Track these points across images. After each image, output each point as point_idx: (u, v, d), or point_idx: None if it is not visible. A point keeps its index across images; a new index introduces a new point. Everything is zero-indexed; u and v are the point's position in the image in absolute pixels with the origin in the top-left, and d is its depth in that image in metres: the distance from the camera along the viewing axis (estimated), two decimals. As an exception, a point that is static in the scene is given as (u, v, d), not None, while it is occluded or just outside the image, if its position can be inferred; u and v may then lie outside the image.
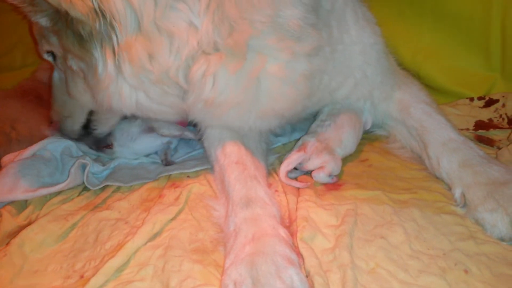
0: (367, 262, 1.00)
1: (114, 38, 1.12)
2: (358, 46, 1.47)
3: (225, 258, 1.01)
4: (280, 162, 1.51)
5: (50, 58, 1.39)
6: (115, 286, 0.99)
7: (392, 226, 1.11)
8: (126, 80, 1.18)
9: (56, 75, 1.46)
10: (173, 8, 1.10)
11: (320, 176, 1.35)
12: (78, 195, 1.41)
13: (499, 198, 1.11)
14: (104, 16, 1.08)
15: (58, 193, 1.40)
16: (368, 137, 1.69)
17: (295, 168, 1.42)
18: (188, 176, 1.47)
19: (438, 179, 1.34)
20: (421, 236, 1.08)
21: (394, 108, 1.55)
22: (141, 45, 1.12)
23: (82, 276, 1.05)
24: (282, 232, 1.04)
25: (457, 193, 1.21)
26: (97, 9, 1.07)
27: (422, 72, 1.98)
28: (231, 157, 1.32)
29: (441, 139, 1.34)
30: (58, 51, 1.32)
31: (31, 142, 1.54)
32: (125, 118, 1.57)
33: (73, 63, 1.26)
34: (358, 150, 1.57)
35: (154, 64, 1.14)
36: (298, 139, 1.50)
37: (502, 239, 1.05)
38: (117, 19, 1.09)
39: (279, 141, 1.70)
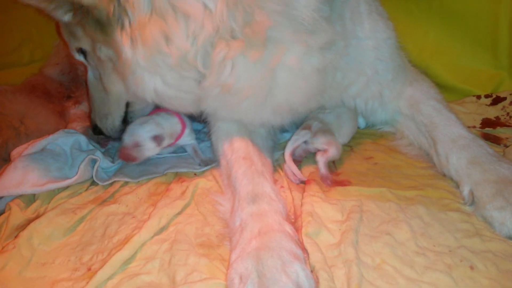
0: (372, 258, 1.01)
1: (127, 20, 1.12)
2: (372, 40, 1.46)
3: (231, 252, 1.02)
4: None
5: (81, 58, 1.39)
6: (122, 279, 1.00)
7: (398, 223, 1.12)
8: (141, 64, 1.17)
9: (90, 74, 1.46)
10: None
11: (323, 159, 1.37)
12: (86, 190, 1.42)
13: (508, 196, 1.10)
14: None
15: (67, 187, 1.41)
16: (372, 135, 1.69)
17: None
18: (195, 174, 1.48)
19: (444, 176, 1.34)
20: (427, 233, 1.08)
21: (404, 104, 1.55)
22: (155, 26, 1.11)
23: (89, 269, 1.06)
24: (288, 228, 1.05)
25: (466, 190, 1.21)
26: None
27: (428, 69, 1.97)
28: (239, 153, 1.32)
29: (451, 136, 1.34)
30: (86, 45, 1.31)
31: (39, 137, 1.55)
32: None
33: (101, 53, 1.26)
34: (363, 148, 1.57)
35: (171, 46, 1.13)
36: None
37: (510, 237, 1.05)
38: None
39: (285, 137, 1.71)
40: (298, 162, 1.46)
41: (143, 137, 1.46)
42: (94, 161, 1.46)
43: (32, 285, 1.03)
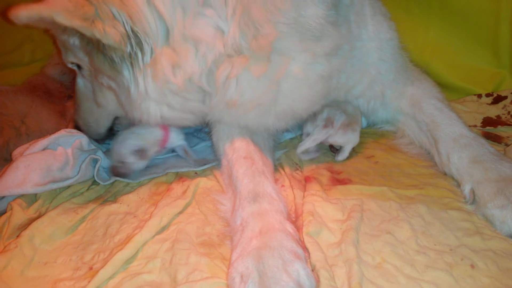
0: (373, 257, 1.01)
1: (140, 57, 1.13)
2: (375, 42, 1.47)
3: (232, 251, 1.02)
4: (287, 157, 1.52)
5: (74, 67, 1.39)
6: (123, 278, 1.00)
7: (399, 222, 1.12)
8: (151, 97, 1.19)
9: (80, 82, 1.44)
10: (201, 15, 1.11)
11: (342, 157, 1.46)
12: (88, 189, 1.43)
13: (509, 195, 1.11)
14: (136, 36, 1.09)
15: (68, 186, 1.41)
16: (373, 134, 1.69)
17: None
18: (196, 173, 1.48)
19: (445, 175, 1.34)
20: (428, 232, 1.08)
21: (405, 103, 1.55)
22: (166, 58, 1.13)
23: (91, 268, 1.06)
24: (289, 227, 1.05)
25: (467, 189, 1.21)
26: (129, 32, 1.08)
27: (429, 68, 1.97)
28: (240, 152, 1.33)
29: (452, 135, 1.34)
30: (85, 66, 1.32)
31: (40, 136, 1.55)
32: None
33: (104, 81, 1.27)
34: (364, 147, 1.57)
35: (178, 74, 1.14)
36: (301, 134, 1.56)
37: (511, 236, 1.06)
38: (150, 36, 1.10)
39: (285, 136, 1.71)
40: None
41: (125, 154, 1.46)
42: (95, 161, 1.47)
43: (34, 284, 1.03)
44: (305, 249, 1.02)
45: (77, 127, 1.57)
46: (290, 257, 0.94)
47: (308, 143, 1.47)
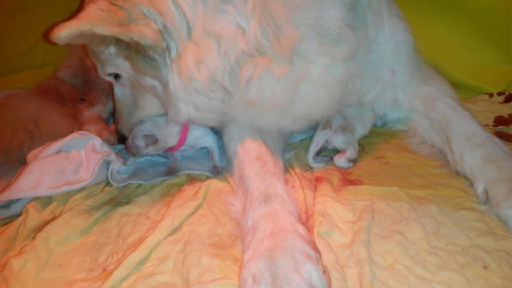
0: (384, 258, 1.01)
1: (170, 53, 1.15)
2: (391, 44, 1.47)
3: (244, 252, 1.03)
4: (297, 158, 1.52)
5: (111, 79, 1.41)
6: (136, 279, 1.02)
7: (410, 222, 1.12)
8: (179, 96, 1.21)
9: (118, 91, 1.48)
10: (221, 11, 1.12)
11: (342, 161, 1.42)
12: (101, 191, 1.45)
13: None
14: (166, 32, 1.11)
15: (81, 188, 1.43)
16: (383, 134, 1.68)
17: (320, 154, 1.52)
18: (207, 177, 1.49)
19: (457, 175, 1.33)
20: (439, 232, 1.08)
21: (418, 102, 1.55)
22: (191, 53, 1.14)
23: (105, 269, 1.08)
24: (300, 228, 1.05)
25: (480, 188, 1.21)
26: (162, 29, 1.10)
27: (439, 67, 1.95)
28: (251, 153, 1.33)
29: (465, 133, 1.33)
30: (125, 73, 1.33)
31: (53, 139, 1.57)
32: None
33: (146, 82, 1.28)
34: (374, 148, 1.57)
35: (202, 70, 1.15)
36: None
37: (524, 236, 1.04)
38: (177, 30, 1.11)
39: (296, 137, 1.71)
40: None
41: (136, 134, 1.48)
42: (108, 163, 1.48)
43: (49, 285, 1.05)
44: (316, 250, 1.03)
45: (121, 139, 1.61)
46: (302, 258, 0.94)
47: (312, 147, 1.49)
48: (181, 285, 0.99)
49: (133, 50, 1.16)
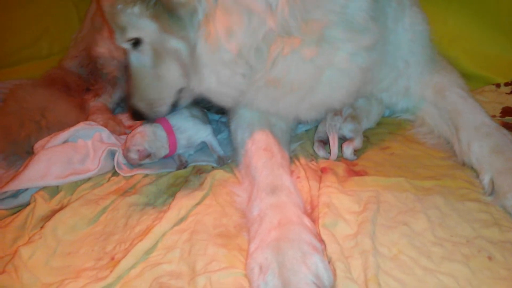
0: (389, 249, 1.01)
1: (199, 14, 1.14)
2: (409, 33, 1.48)
3: (250, 242, 1.04)
4: (303, 149, 1.52)
5: (128, 45, 1.34)
6: (144, 268, 1.03)
7: (415, 213, 1.12)
8: (203, 60, 1.20)
9: (135, 61, 1.39)
10: None
11: (350, 149, 1.43)
12: (108, 181, 1.46)
13: None
14: None
15: (88, 178, 1.45)
16: (389, 124, 1.68)
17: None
18: (213, 167, 1.50)
19: (463, 166, 1.33)
20: (445, 223, 1.08)
21: (429, 91, 1.54)
22: (220, 20, 1.13)
23: (112, 258, 1.10)
24: (306, 221, 1.06)
25: (486, 179, 1.20)
26: None
27: (447, 56, 1.94)
28: (260, 143, 1.33)
29: (474, 123, 1.33)
30: (148, 36, 1.28)
31: (60, 129, 1.59)
32: None
33: (171, 45, 1.25)
34: (379, 138, 1.57)
35: (231, 40, 1.14)
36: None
37: (530, 228, 1.04)
38: None
39: (301, 128, 1.71)
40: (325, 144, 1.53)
41: (128, 148, 1.47)
42: (113, 153, 1.49)
43: (58, 274, 1.07)
44: (321, 241, 1.03)
45: (135, 112, 1.50)
46: (309, 249, 0.95)
47: (320, 127, 1.52)
48: (188, 274, 1.00)
49: (163, 7, 1.15)
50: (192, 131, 1.56)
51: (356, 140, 1.45)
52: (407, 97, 1.58)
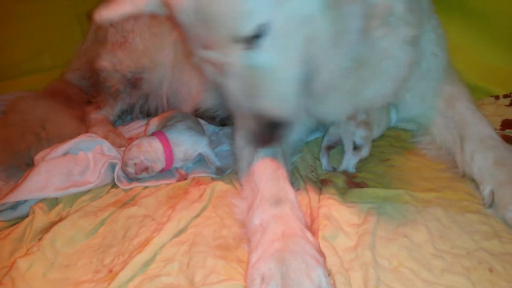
0: (389, 261, 1.01)
1: None
2: (434, 33, 1.49)
3: (251, 252, 1.02)
4: (303, 161, 1.52)
5: (243, 47, 1.02)
6: (142, 280, 1.02)
7: (415, 225, 1.11)
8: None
9: (257, 60, 1.04)
10: None
11: (356, 158, 1.45)
12: (107, 193, 1.46)
13: None
14: None
15: (88, 190, 1.45)
16: (389, 137, 1.68)
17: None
18: (212, 178, 1.50)
19: (462, 179, 1.33)
20: (445, 235, 1.07)
21: (439, 100, 1.55)
22: None
23: (110, 271, 1.09)
24: (309, 235, 1.05)
25: (487, 190, 1.20)
26: None
27: (448, 67, 1.96)
28: (267, 153, 1.31)
29: (481, 136, 1.34)
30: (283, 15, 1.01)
31: (60, 141, 1.59)
32: None
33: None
34: (379, 150, 1.57)
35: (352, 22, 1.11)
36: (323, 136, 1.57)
37: (530, 240, 1.04)
38: None
39: (311, 136, 1.73)
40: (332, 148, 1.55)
41: (126, 162, 1.48)
42: (113, 166, 1.50)
43: (56, 286, 1.06)
44: (321, 253, 1.02)
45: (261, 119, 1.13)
46: (313, 262, 0.94)
47: (332, 130, 1.53)
48: (186, 287, 0.99)
49: None
50: (188, 144, 1.56)
51: (364, 148, 1.46)
52: (423, 101, 1.57)
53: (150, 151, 1.48)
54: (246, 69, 1.05)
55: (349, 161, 1.45)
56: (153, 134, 1.55)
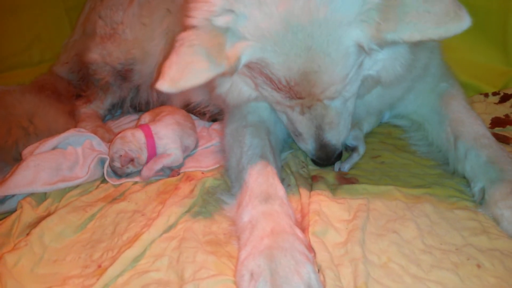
0: (379, 257, 1.01)
1: None
2: None
3: (240, 249, 1.02)
4: (294, 157, 1.52)
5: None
6: (131, 276, 1.02)
7: (405, 221, 1.12)
8: None
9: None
10: None
11: (354, 160, 1.45)
12: (97, 188, 1.45)
13: None
14: None
15: (77, 185, 1.43)
16: (379, 134, 1.69)
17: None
18: (203, 173, 1.49)
19: (452, 175, 1.34)
20: (434, 231, 1.08)
21: (435, 97, 1.55)
22: None
23: (99, 266, 1.08)
24: (298, 232, 1.05)
25: (477, 187, 1.22)
26: None
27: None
28: (256, 150, 1.32)
29: (475, 134, 1.35)
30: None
31: (48, 136, 1.57)
32: None
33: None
34: (370, 147, 1.57)
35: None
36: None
37: (517, 237, 1.05)
38: None
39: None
40: None
41: (112, 157, 1.48)
42: (103, 161, 1.48)
43: (44, 282, 1.05)
44: (311, 249, 1.03)
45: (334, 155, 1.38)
46: (302, 259, 0.94)
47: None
48: (176, 282, 0.99)
49: None
50: (169, 139, 1.56)
51: (360, 147, 1.48)
52: (417, 98, 1.58)
53: (133, 141, 1.49)
54: (323, 110, 1.23)
55: (350, 161, 1.45)
56: (138, 127, 1.55)
